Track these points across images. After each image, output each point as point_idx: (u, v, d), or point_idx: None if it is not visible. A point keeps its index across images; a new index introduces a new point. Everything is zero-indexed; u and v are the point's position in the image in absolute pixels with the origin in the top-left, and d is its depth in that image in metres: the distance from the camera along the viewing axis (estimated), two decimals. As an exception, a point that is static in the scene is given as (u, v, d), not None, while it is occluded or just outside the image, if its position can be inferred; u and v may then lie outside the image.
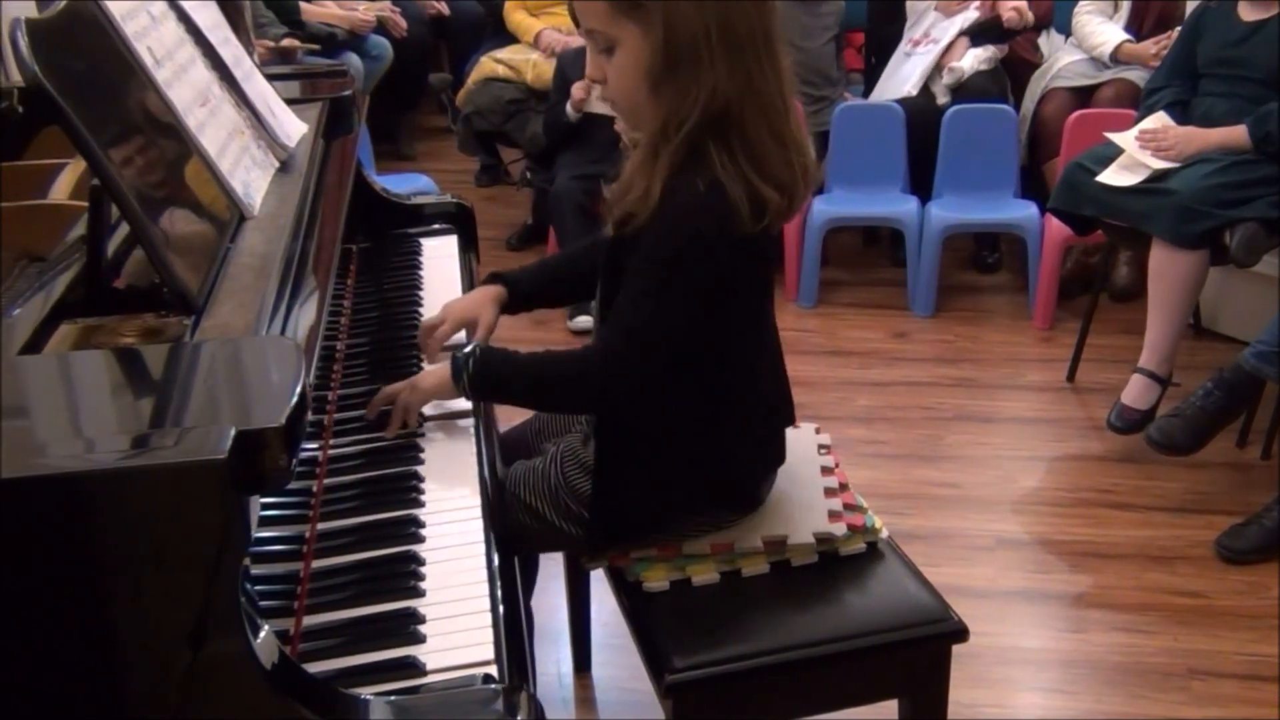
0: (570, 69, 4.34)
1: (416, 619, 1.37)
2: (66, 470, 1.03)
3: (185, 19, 1.81)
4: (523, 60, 4.85)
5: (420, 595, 1.42)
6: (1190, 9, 3.69)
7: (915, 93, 4.45)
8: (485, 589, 1.43)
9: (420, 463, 1.69)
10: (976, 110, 4.32)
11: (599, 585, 2.17)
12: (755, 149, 1.61)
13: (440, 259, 2.35)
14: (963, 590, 2.57)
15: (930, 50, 4.49)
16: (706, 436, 1.76)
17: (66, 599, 1.05)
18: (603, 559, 1.86)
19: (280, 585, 1.40)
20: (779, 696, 1.75)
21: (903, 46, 4.64)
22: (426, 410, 1.80)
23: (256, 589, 1.18)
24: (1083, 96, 4.33)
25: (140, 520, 1.04)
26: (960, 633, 1.77)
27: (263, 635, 1.11)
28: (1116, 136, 3.39)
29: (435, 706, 1.21)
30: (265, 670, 1.10)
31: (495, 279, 2.00)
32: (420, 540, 1.52)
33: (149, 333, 1.34)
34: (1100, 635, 2.63)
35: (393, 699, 1.20)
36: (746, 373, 1.78)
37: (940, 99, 4.43)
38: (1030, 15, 4.50)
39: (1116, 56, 4.27)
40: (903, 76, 4.54)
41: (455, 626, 1.37)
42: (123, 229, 1.51)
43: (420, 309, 2.13)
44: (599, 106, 4.24)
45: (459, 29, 5.96)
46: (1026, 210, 4.23)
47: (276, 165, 1.84)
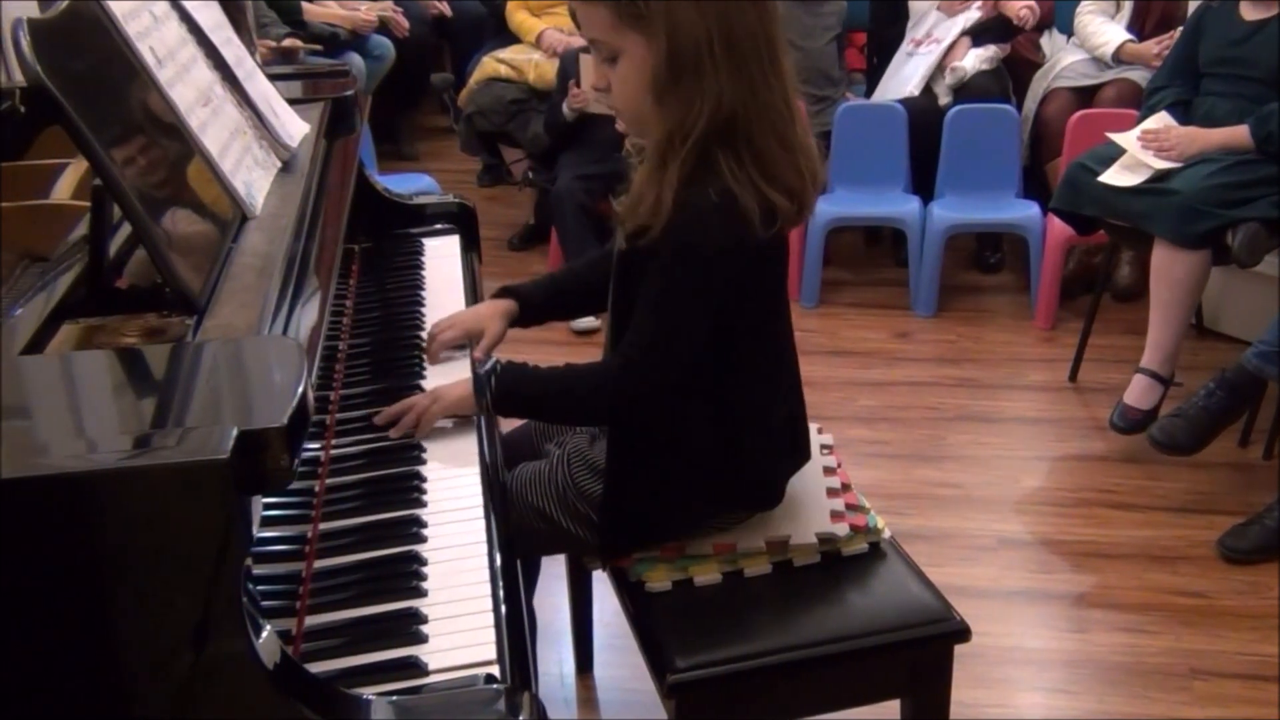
0: (572, 69, 4.34)
1: (418, 619, 1.37)
2: (68, 470, 1.03)
3: (187, 19, 1.81)
4: (525, 60, 4.85)
5: (422, 595, 1.41)
6: (1192, 9, 3.69)
7: (917, 93, 4.45)
8: (487, 589, 1.42)
9: (422, 463, 1.69)
10: (978, 110, 4.32)
11: (601, 585, 2.17)
12: (763, 156, 1.61)
13: (442, 259, 2.35)
14: (965, 590, 2.57)
15: (933, 50, 4.49)
16: (726, 438, 1.76)
17: (68, 599, 1.05)
18: (609, 560, 1.86)
19: (282, 585, 1.39)
20: (781, 696, 1.75)
21: (905, 46, 4.64)
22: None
23: (258, 589, 1.18)
24: (1085, 96, 4.33)
25: (142, 520, 1.04)
26: (962, 633, 1.77)
27: (265, 635, 1.11)
28: (1118, 136, 3.39)
29: (437, 706, 1.21)
30: (267, 670, 1.09)
31: (507, 293, 2.00)
32: (422, 540, 1.52)
33: (151, 333, 1.34)
34: (1102, 635, 2.63)
35: (395, 699, 1.20)
36: (765, 375, 1.78)
37: (942, 99, 4.43)
38: (1039, 13, 4.51)
39: (1118, 56, 4.27)
40: (905, 76, 4.54)
41: (457, 626, 1.36)
42: (125, 229, 1.51)
43: (422, 309, 2.12)
44: (598, 107, 4.23)
45: (461, 29, 5.96)
46: (1028, 210, 4.23)
47: (279, 165, 1.84)
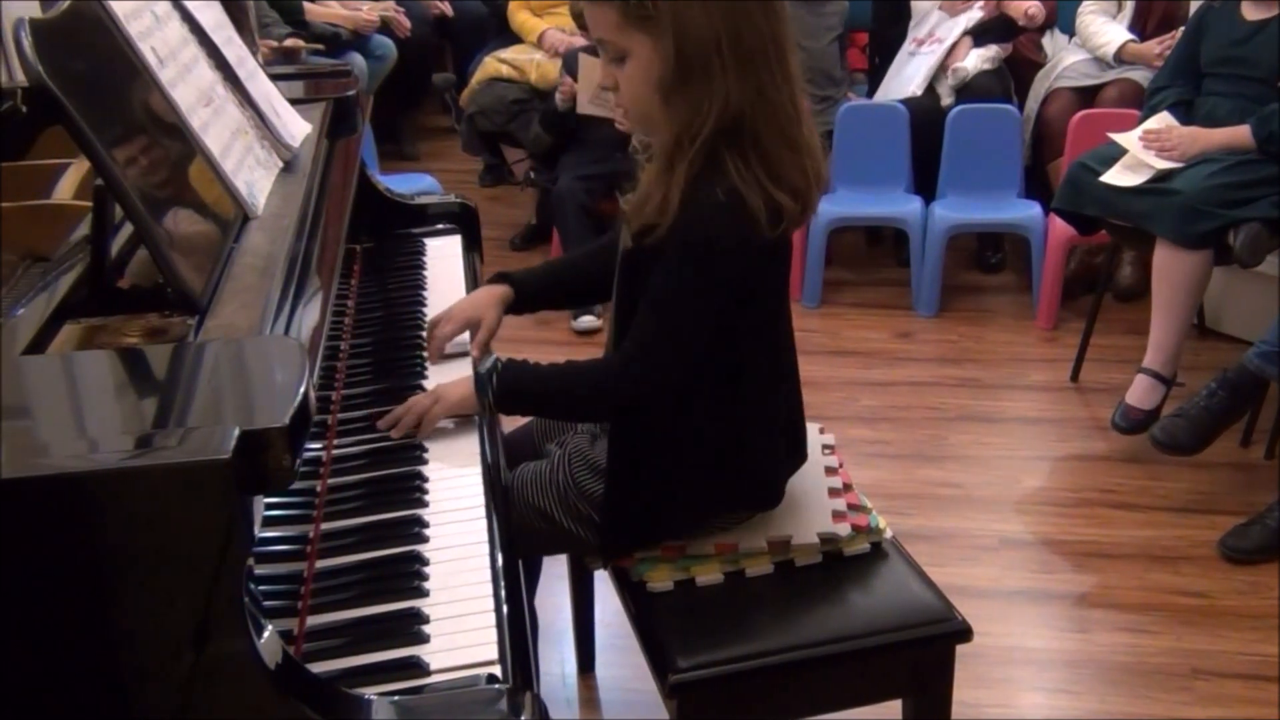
0: (574, 69, 4.34)
1: (420, 619, 1.37)
2: (70, 470, 1.03)
3: (189, 19, 1.81)
4: (526, 60, 4.85)
5: (424, 595, 1.41)
6: (1193, 9, 3.69)
7: (920, 92, 4.44)
8: (489, 589, 1.42)
9: (424, 463, 1.69)
10: (980, 110, 4.32)
11: (603, 585, 2.17)
12: (770, 156, 1.61)
13: (444, 259, 2.35)
14: (966, 590, 2.57)
15: (935, 50, 4.49)
16: (727, 438, 1.76)
17: (70, 599, 1.05)
18: (611, 560, 1.86)
19: (284, 585, 1.39)
20: (783, 696, 1.75)
21: (907, 46, 4.63)
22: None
23: (260, 589, 1.18)
24: (1086, 96, 4.33)
25: (144, 520, 1.04)
26: (964, 633, 1.77)
27: (266, 635, 1.11)
28: (1120, 136, 3.39)
29: (439, 707, 1.21)
30: (269, 670, 1.10)
31: (502, 279, 2.00)
32: (424, 540, 1.52)
33: (153, 333, 1.34)
34: (1104, 635, 2.63)
35: (396, 699, 1.20)
36: (766, 374, 1.78)
37: (945, 99, 4.43)
38: (1045, 12, 4.51)
39: (1120, 56, 4.27)
40: (907, 76, 4.54)
41: (459, 626, 1.36)
42: (127, 229, 1.51)
43: (424, 309, 2.13)
44: (592, 108, 4.24)
45: (463, 29, 5.96)
46: (1030, 210, 4.23)
47: (280, 165, 1.84)
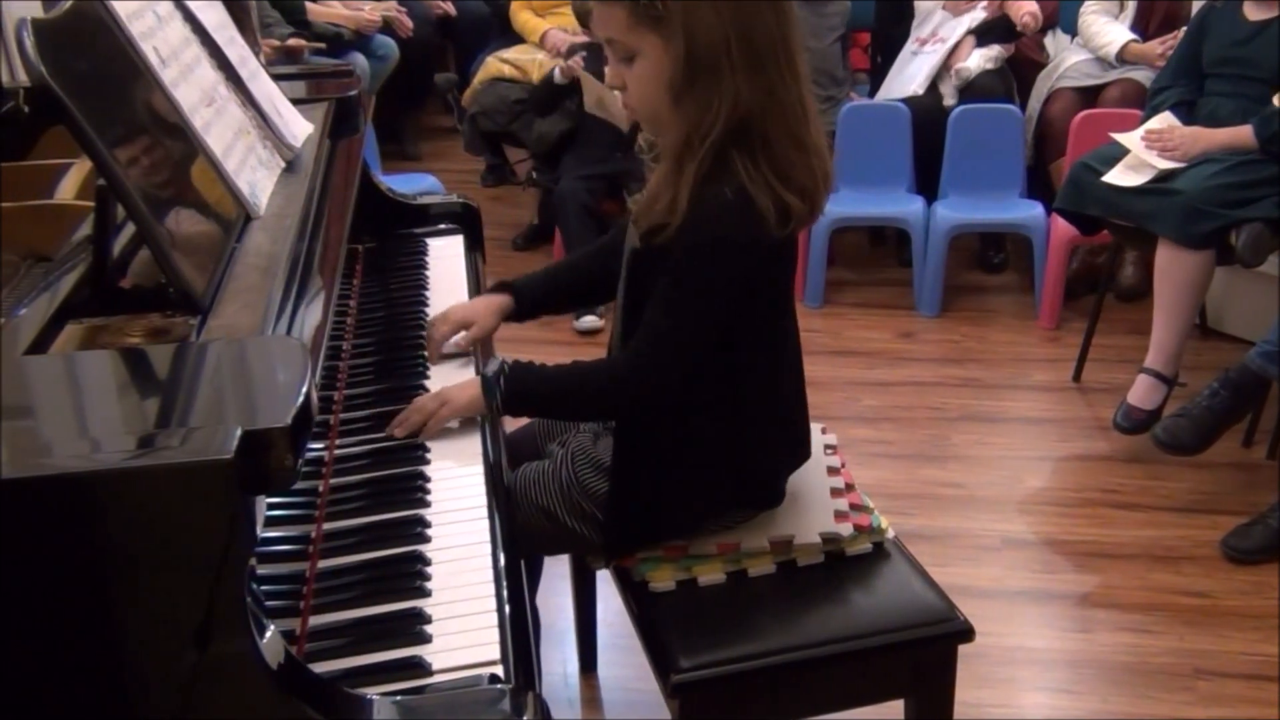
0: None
1: (422, 619, 1.37)
2: (72, 470, 1.03)
3: (191, 19, 1.81)
4: (529, 60, 4.85)
5: (426, 595, 1.42)
6: (1196, 9, 3.69)
7: (922, 92, 4.44)
8: (491, 589, 1.43)
9: (426, 463, 1.69)
10: (982, 110, 4.32)
11: (605, 585, 2.17)
12: (778, 157, 1.61)
13: (446, 259, 2.35)
14: (968, 590, 2.57)
15: (938, 49, 4.49)
16: (731, 436, 1.76)
17: (72, 599, 1.05)
18: (613, 559, 1.86)
19: (286, 585, 1.39)
20: (785, 696, 1.75)
21: (909, 45, 4.63)
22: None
23: (262, 589, 1.18)
24: (1088, 96, 4.32)
25: (146, 520, 1.04)
26: (966, 632, 1.77)
27: (268, 635, 1.11)
28: (1122, 136, 3.39)
29: (441, 706, 1.21)
30: (271, 670, 1.10)
31: (503, 288, 2.00)
32: (426, 540, 1.52)
33: (155, 333, 1.34)
34: (1106, 635, 2.63)
35: (398, 699, 1.20)
36: (772, 374, 1.78)
37: (947, 100, 4.42)
38: (1041, 19, 4.51)
39: (1122, 56, 4.27)
40: (909, 76, 4.54)
41: (461, 626, 1.37)
42: (129, 229, 1.51)
43: (426, 309, 2.13)
44: (597, 110, 4.25)
45: (465, 29, 5.96)
46: (1032, 210, 4.22)
47: (282, 165, 1.84)
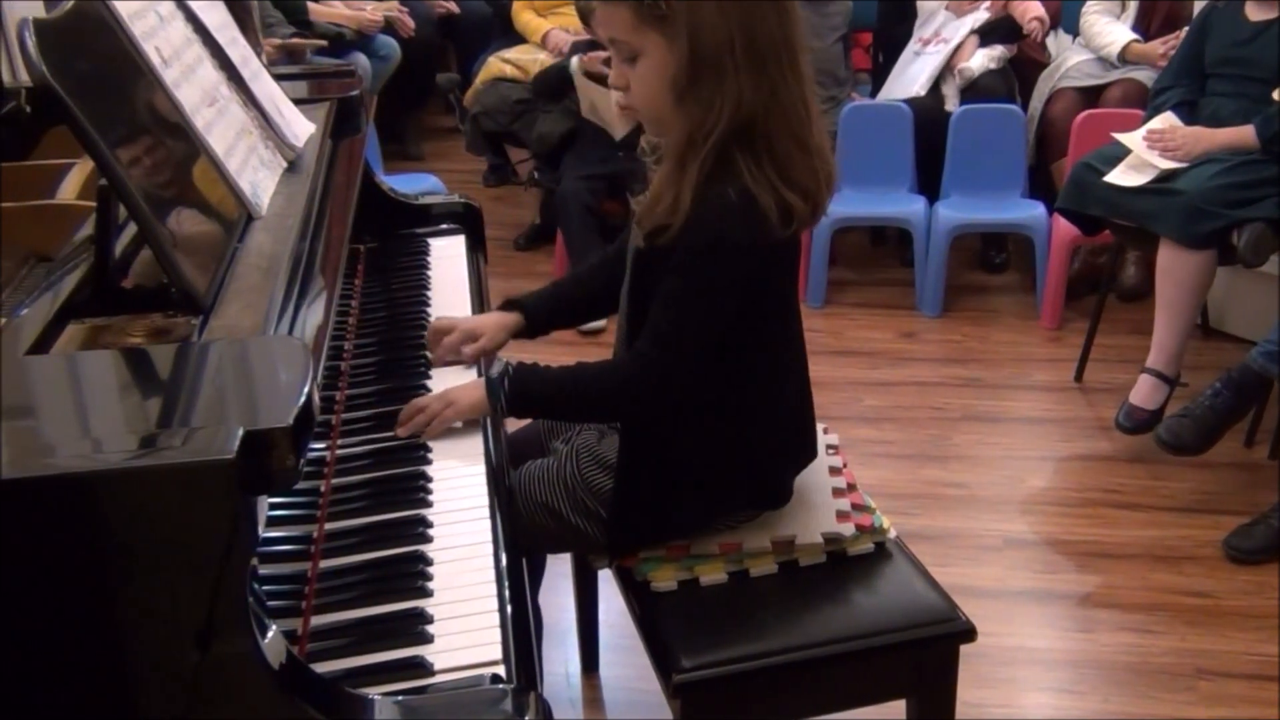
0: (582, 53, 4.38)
1: (424, 619, 1.37)
2: (74, 470, 1.03)
3: (193, 19, 1.81)
4: (530, 60, 4.85)
5: (428, 595, 1.42)
6: (1197, 9, 3.69)
7: (924, 93, 4.44)
8: (493, 589, 1.43)
9: (428, 462, 1.69)
10: (984, 110, 4.32)
11: (607, 585, 2.17)
12: (781, 157, 1.60)
13: (448, 259, 2.35)
14: (970, 590, 2.57)
15: (940, 50, 4.48)
16: (737, 435, 1.76)
17: (74, 599, 1.05)
18: (616, 558, 1.86)
19: (288, 585, 1.39)
20: (787, 696, 1.75)
21: (912, 45, 4.63)
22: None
23: (264, 589, 1.18)
24: (1090, 96, 4.32)
25: (148, 520, 1.04)
26: (968, 633, 1.77)
27: (270, 635, 1.11)
28: (1124, 136, 3.38)
29: (443, 707, 1.21)
30: (273, 670, 1.10)
31: (513, 306, 2.00)
32: (428, 540, 1.52)
33: (157, 333, 1.34)
34: (1107, 635, 2.63)
35: (400, 699, 1.20)
36: (776, 373, 1.78)
37: (949, 101, 4.42)
38: (1048, 22, 4.51)
39: (1124, 56, 4.27)
40: (911, 76, 4.54)
41: (463, 626, 1.37)
42: (130, 229, 1.51)
43: (428, 309, 2.12)
44: (592, 116, 4.25)
45: (467, 29, 5.96)
46: (1034, 210, 4.22)
47: (284, 165, 1.84)
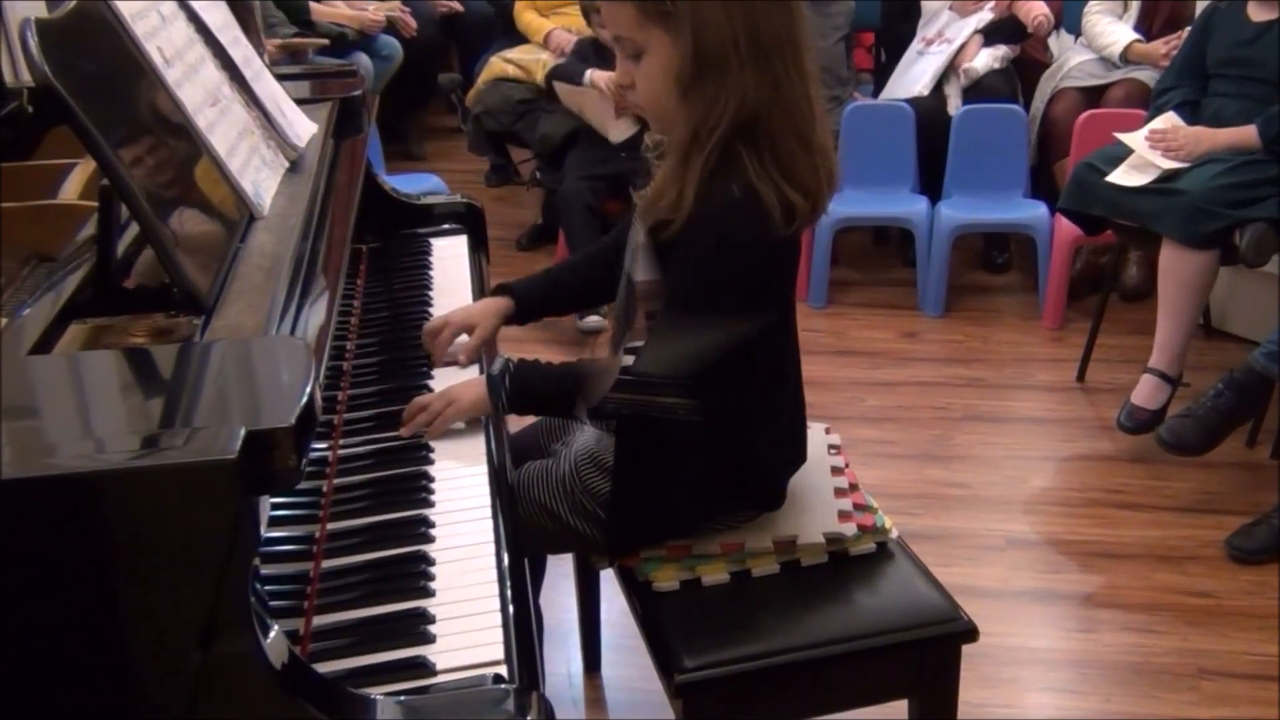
0: (586, 51, 4.37)
1: (426, 619, 1.37)
2: (76, 470, 1.03)
3: (195, 19, 1.81)
4: (533, 60, 4.85)
5: (430, 595, 1.42)
6: (1200, 9, 3.69)
7: (926, 93, 4.44)
8: (495, 589, 1.43)
9: (430, 462, 1.69)
10: (986, 110, 4.32)
11: (608, 585, 2.17)
12: (783, 155, 1.60)
13: (450, 259, 2.35)
14: (972, 590, 2.57)
15: (943, 50, 4.48)
16: (734, 435, 1.76)
17: (76, 599, 1.05)
18: (616, 559, 1.86)
19: (290, 585, 1.40)
20: (789, 696, 1.75)
21: (915, 45, 4.63)
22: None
23: (266, 589, 1.18)
24: (1092, 96, 4.32)
25: (150, 520, 1.04)
26: (970, 633, 1.76)
27: (272, 635, 1.11)
28: (1126, 136, 3.38)
29: (445, 707, 1.21)
30: (275, 670, 1.10)
31: (503, 291, 2.00)
32: (430, 540, 1.52)
33: (159, 333, 1.34)
34: (1110, 635, 2.63)
35: (402, 699, 1.20)
36: (773, 372, 1.78)
37: (952, 102, 4.41)
38: (1053, 20, 4.51)
39: (1126, 56, 4.27)
40: (914, 76, 4.53)
41: (465, 626, 1.37)
42: (132, 229, 1.51)
43: (430, 309, 2.13)
44: (612, 131, 4.26)
45: (468, 29, 5.96)
46: (1036, 210, 4.22)
47: (286, 165, 1.84)
